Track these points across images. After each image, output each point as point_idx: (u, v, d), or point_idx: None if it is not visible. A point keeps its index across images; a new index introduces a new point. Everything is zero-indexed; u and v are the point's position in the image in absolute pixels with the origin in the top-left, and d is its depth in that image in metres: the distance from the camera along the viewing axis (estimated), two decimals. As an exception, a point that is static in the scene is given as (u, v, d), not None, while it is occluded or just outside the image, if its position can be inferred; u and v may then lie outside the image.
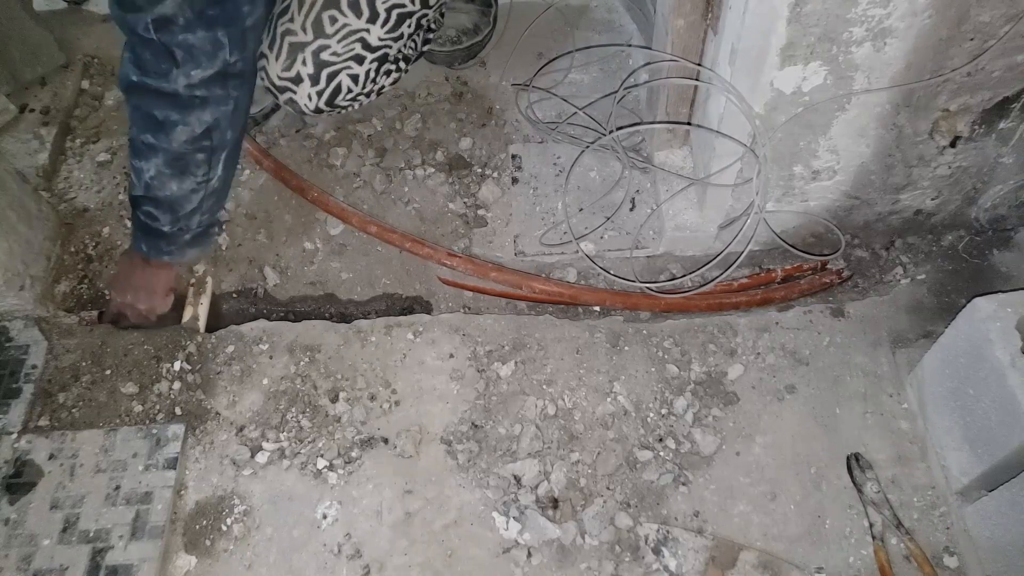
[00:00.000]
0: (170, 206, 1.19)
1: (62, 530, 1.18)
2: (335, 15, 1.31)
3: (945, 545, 1.17)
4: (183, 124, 1.11)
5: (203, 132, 1.13)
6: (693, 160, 1.47)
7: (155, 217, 1.20)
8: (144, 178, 1.16)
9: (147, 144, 1.13)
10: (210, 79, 1.08)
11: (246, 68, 1.13)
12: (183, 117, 1.10)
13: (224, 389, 1.33)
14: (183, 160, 1.15)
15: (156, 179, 1.16)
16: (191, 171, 1.17)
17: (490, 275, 1.46)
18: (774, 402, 1.31)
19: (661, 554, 1.17)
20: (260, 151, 1.61)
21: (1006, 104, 1.21)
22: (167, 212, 1.20)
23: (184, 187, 1.18)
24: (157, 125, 1.11)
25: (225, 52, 1.06)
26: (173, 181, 1.16)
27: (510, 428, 1.28)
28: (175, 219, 1.21)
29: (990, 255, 1.47)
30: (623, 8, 1.87)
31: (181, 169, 1.16)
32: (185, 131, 1.11)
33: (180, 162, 1.15)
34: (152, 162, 1.14)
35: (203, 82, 1.08)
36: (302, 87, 1.35)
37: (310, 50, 1.32)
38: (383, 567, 1.17)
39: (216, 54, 1.06)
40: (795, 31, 1.04)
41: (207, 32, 1.03)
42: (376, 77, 1.41)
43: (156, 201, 1.18)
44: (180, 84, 1.07)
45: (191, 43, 1.03)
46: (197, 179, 1.18)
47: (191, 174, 1.17)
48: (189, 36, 1.02)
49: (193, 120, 1.11)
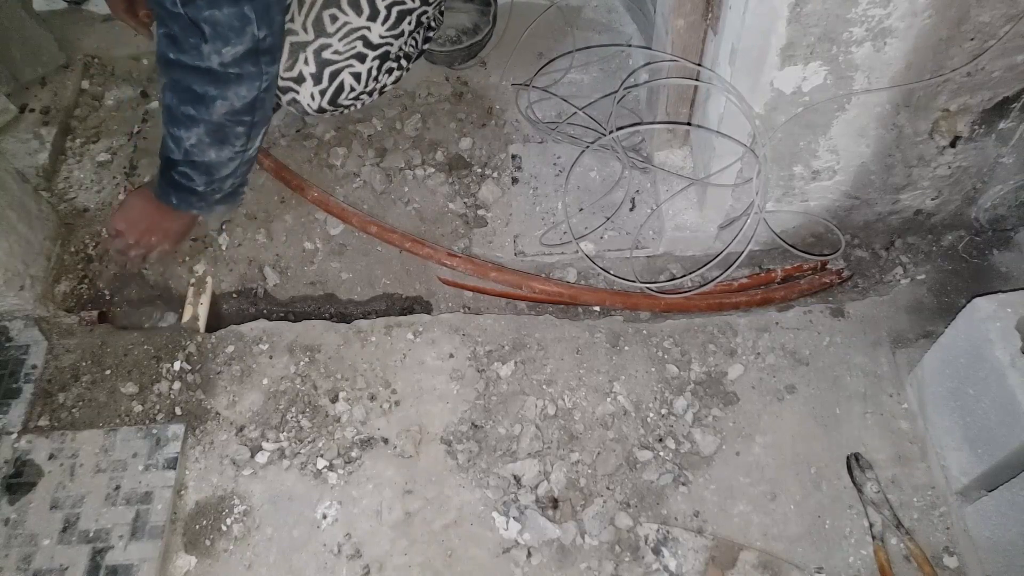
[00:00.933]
0: (207, 169, 1.22)
1: (62, 530, 1.18)
2: (336, 13, 1.31)
3: (945, 545, 1.17)
4: (222, 99, 1.12)
5: (243, 107, 1.15)
6: (693, 160, 1.47)
7: (191, 178, 1.23)
8: (184, 145, 1.17)
9: (187, 115, 1.14)
10: (242, 57, 1.09)
11: (275, 43, 1.14)
12: (221, 92, 1.12)
13: (224, 389, 1.33)
14: (223, 131, 1.17)
15: (196, 146, 1.18)
16: (231, 141, 1.19)
17: (490, 275, 1.46)
18: (774, 402, 1.31)
19: (661, 554, 1.17)
20: (260, 151, 1.61)
21: (1006, 104, 1.21)
22: (203, 174, 1.23)
23: (223, 155, 1.20)
24: (197, 98, 1.12)
25: (253, 27, 1.07)
26: (212, 149, 1.19)
27: (510, 428, 1.28)
28: (210, 181, 1.24)
29: (990, 255, 1.47)
30: (623, 8, 1.87)
31: (221, 139, 1.18)
32: (225, 105, 1.13)
33: (220, 132, 1.17)
34: (193, 131, 1.16)
35: (235, 60, 1.09)
36: (305, 86, 1.35)
37: (312, 49, 1.32)
38: (383, 567, 1.17)
39: (244, 30, 1.06)
40: (795, 31, 1.04)
41: (232, 7, 1.04)
42: (378, 75, 1.41)
43: (194, 164, 1.21)
44: (214, 61, 1.08)
45: (217, 18, 1.04)
46: (235, 148, 1.20)
47: (230, 144, 1.19)
48: (215, 12, 1.03)
49: (231, 95, 1.12)
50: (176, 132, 1.17)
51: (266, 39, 1.10)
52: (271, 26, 1.10)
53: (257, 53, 1.10)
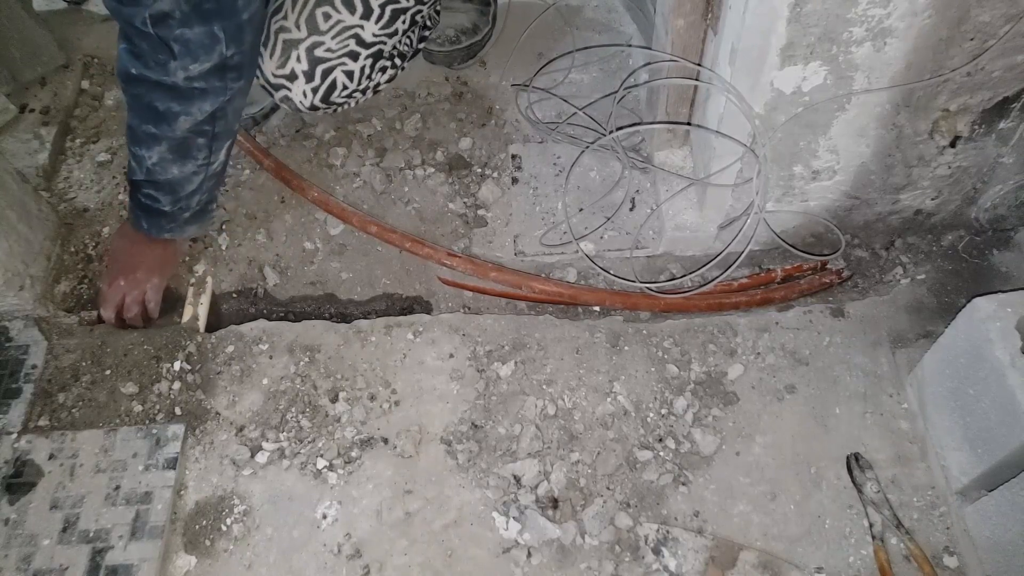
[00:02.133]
0: (171, 188, 1.22)
1: (62, 530, 1.18)
2: (329, 11, 1.31)
3: (945, 545, 1.17)
4: (185, 114, 1.12)
5: (205, 119, 1.14)
6: (693, 160, 1.47)
7: (156, 199, 1.22)
8: (146, 164, 1.17)
9: (148, 133, 1.14)
10: (208, 72, 1.09)
11: (244, 61, 1.13)
12: (184, 108, 1.11)
13: (224, 389, 1.33)
14: (185, 144, 1.17)
15: (158, 164, 1.17)
16: (192, 155, 1.19)
17: (490, 275, 1.46)
18: (774, 402, 1.31)
19: (661, 554, 1.17)
20: (260, 151, 1.61)
21: (1006, 104, 1.21)
22: (168, 194, 1.22)
23: (186, 170, 1.20)
24: (158, 115, 1.12)
25: (222, 46, 1.07)
26: (175, 165, 1.18)
27: (510, 428, 1.28)
28: (176, 199, 1.24)
29: (990, 255, 1.47)
30: (623, 8, 1.87)
31: (183, 153, 1.18)
32: (186, 120, 1.13)
33: (182, 147, 1.17)
34: (154, 149, 1.16)
35: (201, 75, 1.08)
36: (297, 84, 1.35)
37: (304, 47, 1.32)
38: (383, 567, 1.17)
39: (213, 47, 1.06)
40: (795, 31, 1.04)
41: (203, 26, 1.03)
42: (371, 74, 1.41)
43: (157, 184, 1.20)
44: (179, 77, 1.07)
45: (188, 37, 1.03)
46: (198, 162, 1.20)
47: (192, 158, 1.19)
48: (186, 31, 1.03)
49: (195, 110, 1.12)
50: (138, 152, 1.17)
51: (234, 57, 1.09)
52: (240, 45, 1.10)
53: (224, 69, 1.10)
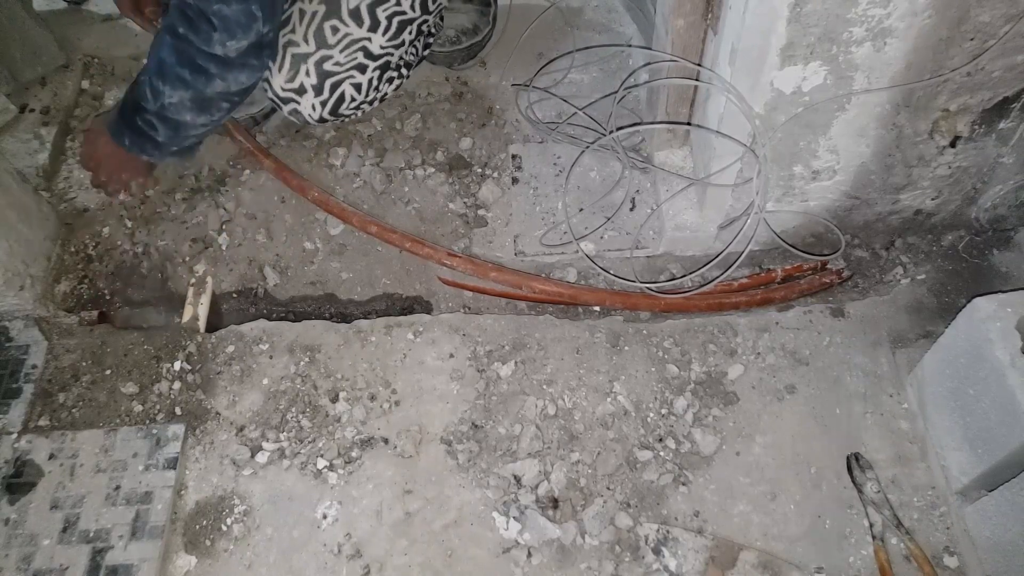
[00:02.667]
0: (175, 127, 1.20)
1: (62, 530, 1.18)
2: (336, 25, 1.31)
3: (945, 545, 1.17)
4: (221, 79, 1.13)
5: (238, 91, 1.16)
6: (693, 160, 1.47)
7: (155, 128, 1.20)
8: (163, 100, 1.15)
9: (180, 77, 1.13)
10: (246, 51, 1.10)
11: (275, 37, 1.16)
12: (222, 73, 1.12)
13: (224, 389, 1.33)
14: (209, 103, 1.17)
15: (175, 106, 1.16)
16: (211, 112, 1.19)
17: (490, 275, 1.46)
18: (774, 402, 1.31)
19: (661, 554, 1.17)
20: (261, 150, 1.61)
21: (1006, 104, 1.21)
22: (170, 130, 1.20)
23: (198, 120, 1.19)
24: (197, 68, 1.12)
25: (259, 23, 1.08)
26: (190, 113, 1.18)
27: (510, 428, 1.28)
28: (174, 136, 1.22)
29: (990, 255, 1.47)
30: (623, 8, 1.87)
31: (203, 108, 1.18)
32: (221, 85, 1.14)
33: (205, 103, 1.17)
34: (178, 92, 1.14)
35: (240, 53, 1.10)
36: (306, 98, 1.35)
37: (313, 61, 1.32)
38: (383, 567, 1.17)
39: (250, 26, 1.08)
40: (795, 31, 1.04)
41: (241, 4, 1.05)
42: (379, 85, 1.41)
43: (164, 119, 1.19)
44: (219, 51, 1.09)
45: (225, 14, 1.05)
46: (213, 119, 1.21)
47: (209, 114, 1.19)
48: (224, 7, 1.04)
49: (231, 79, 1.13)
50: (159, 86, 1.14)
51: (269, 33, 1.12)
52: (275, 21, 1.12)
53: (261, 47, 1.13)
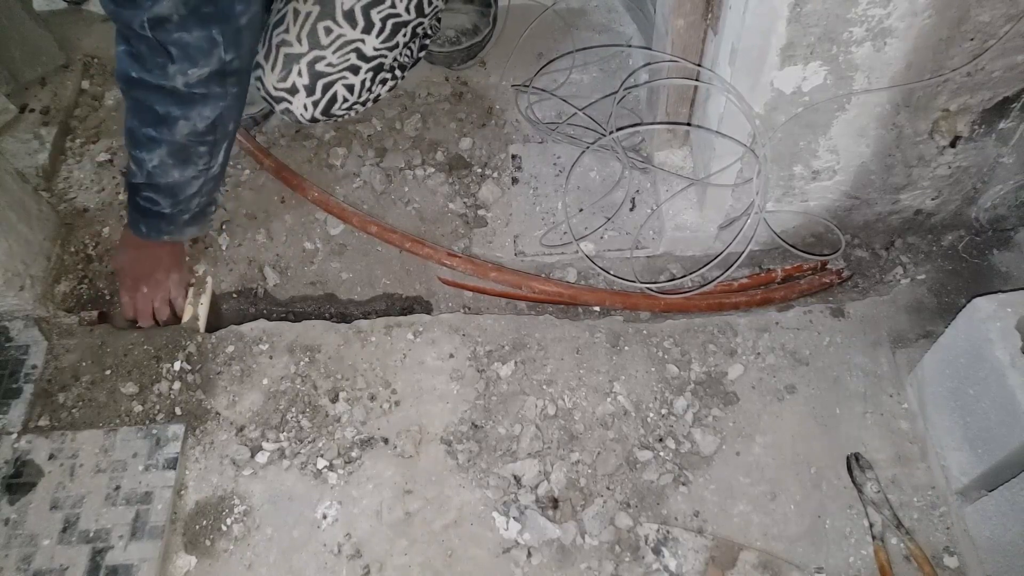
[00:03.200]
0: (171, 191, 1.21)
1: (62, 530, 1.18)
2: (330, 26, 1.31)
3: (945, 545, 1.17)
4: (184, 119, 1.11)
5: (206, 128, 1.14)
6: (693, 160, 1.47)
7: (155, 202, 1.22)
8: (146, 167, 1.17)
9: (149, 136, 1.13)
10: (208, 78, 1.08)
11: (242, 66, 1.13)
12: (184, 112, 1.11)
13: (224, 389, 1.32)
14: (186, 151, 1.16)
15: (159, 168, 1.17)
16: (193, 161, 1.18)
17: (490, 275, 1.46)
18: (774, 402, 1.31)
19: (661, 554, 1.17)
20: (260, 151, 1.61)
21: (1006, 104, 1.21)
22: (168, 197, 1.22)
23: (186, 175, 1.19)
24: (159, 119, 1.11)
25: (220, 50, 1.06)
26: (175, 169, 1.18)
27: (510, 428, 1.28)
28: (176, 202, 1.23)
29: (990, 255, 1.47)
30: (623, 8, 1.87)
31: (184, 159, 1.17)
32: (187, 125, 1.12)
33: (183, 153, 1.16)
34: (155, 153, 1.15)
35: (201, 81, 1.08)
36: (298, 97, 1.35)
37: (305, 61, 1.32)
38: (383, 567, 1.17)
39: (212, 52, 1.06)
40: (795, 31, 1.04)
41: (202, 31, 1.03)
42: (372, 86, 1.41)
43: (157, 187, 1.20)
44: (179, 82, 1.07)
45: (186, 41, 1.03)
46: (199, 167, 1.20)
47: (193, 163, 1.18)
48: (184, 35, 1.02)
49: (194, 115, 1.11)
50: (138, 155, 1.16)
51: (233, 62, 1.09)
52: (239, 49, 1.09)
53: (223, 75, 1.10)
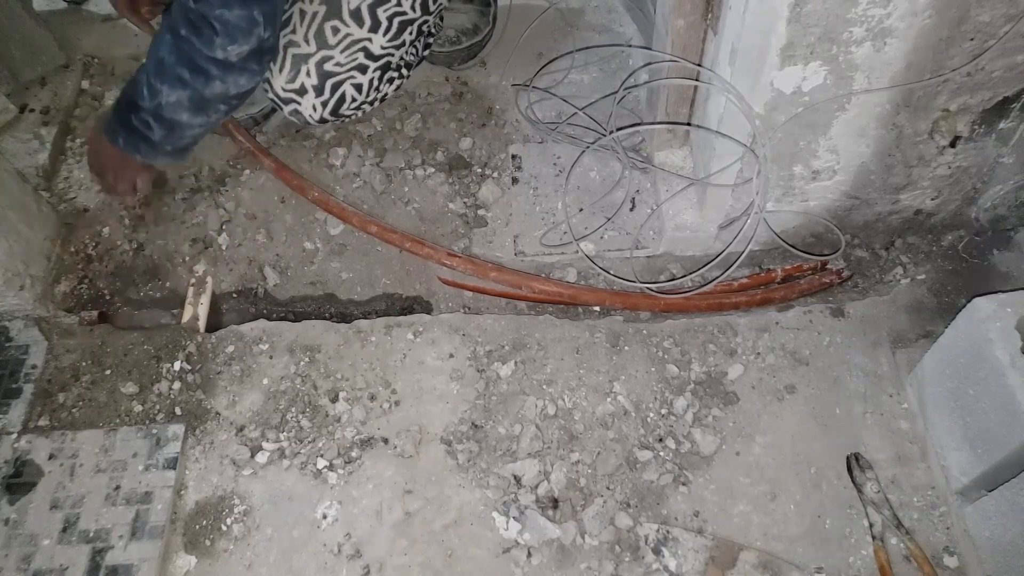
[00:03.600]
0: (171, 126, 1.19)
1: (62, 530, 1.18)
2: (337, 25, 1.31)
3: (945, 545, 1.17)
4: (221, 81, 1.13)
5: (237, 94, 1.16)
6: (693, 160, 1.47)
7: (150, 127, 1.19)
8: (160, 99, 1.15)
9: (179, 76, 1.12)
10: (247, 56, 1.11)
11: (276, 43, 1.16)
12: (223, 76, 1.12)
13: (224, 389, 1.33)
14: (206, 104, 1.16)
15: (172, 105, 1.15)
16: (208, 113, 1.18)
17: (490, 275, 1.46)
18: (774, 402, 1.31)
19: (661, 554, 1.17)
20: (261, 150, 1.61)
21: (1006, 104, 1.21)
22: (164, 129, 1.19)
23: (195, 121, 1.19)
24: (197, 69, 1.11)
25: (260, 29, 1.08)
26: (187, 113, 1.17)
27: (510, 428, 1.28)
28: (168, 136, 1.21)
29: (990, 255, 1.47)
30: (623, 8, 1.87)
31: (201, 109, 1.17)
32: (221, 87, 1.14)
33: (202, 103, 1.16)
34: (176, 92, 1.14)
35: (241, 58, 1.10)
36: (306, 98, 1.36)
37: (313, 61, 1.32)
38: (383, 567, 1.17)
39: (252, 31, 1.08)
40: (795, 31, 1.04)
41: (242, 9, 1.05)
42: (379, 85, 1.41)
43: (160, 118, 1.18)
44: (219, 55, 1.09)
45: (227, 19, 1.05)
46: (210, 120, 1.20)
47: (206, 115, 1.19)
48: (225, 12, 1.05)
49: (231, 82, 1.13)
50: (157, 84, 1.14)
51: (269, 39, 1.12)
52: (275, 28, 1.13)
53: (261, 52, 1.12)
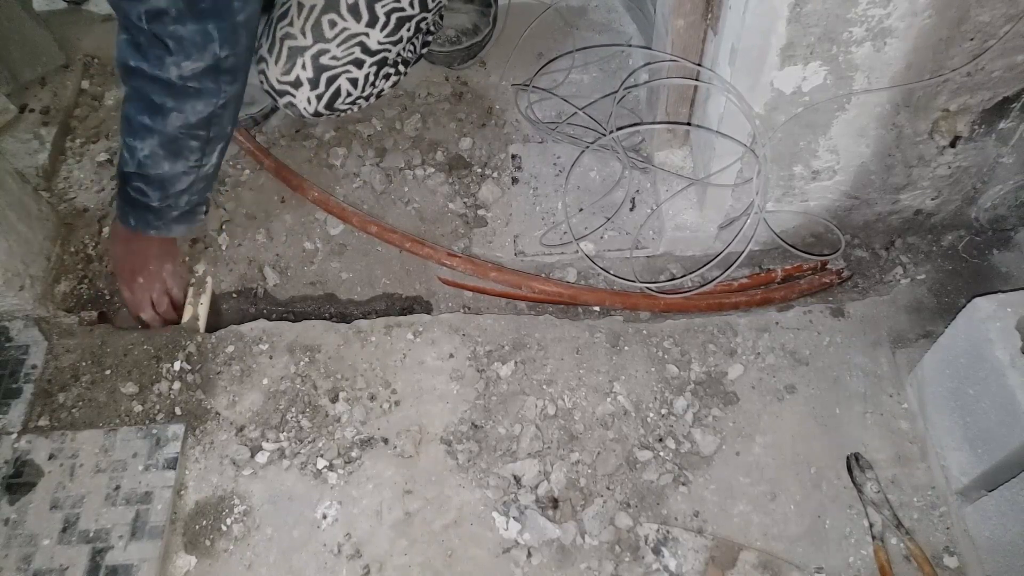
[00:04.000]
0: (161, 184, 1.21)
1: (62, 530, 1.18)
2: (334, 19, 1.31)
3: (945, 545, 1.17)
4: (177, 111, 1.12)
5: (198, 121, 1.14)
6: (693, 160, 1.47)
7: (145, 193, 1.22)
8: (138, 156, 1.17)
9: (143, 125, 1.14)
10: (202, 72, 1.09)
11: (238, 64, 1.13)
12: (178, 104, 1.12)
13: (224, 389, 1.33)
14: (177, 144, 1.16)
15: (150, 158, 1.17)
16: (184, 155, 1.18)
17: (490, 275, 1.46)
18: (774, 402, 1.31)
19: (661, 554, 1.17)
20: (260, 150, 1.61)
21: (1006, 104, 1.21)
22: (157, 189, 1.21)
23: (176, 168, 1.19)
24: (154, 108, 1.12)
25: (215, 46, 1.07)
26: (166, 162, 1.18)
27: (510, 428, 1.28)
28: (164, 196, 1.22)
29: (990, 255, 1.47)
30: (623, 8, 1.87)
31: (175, 152, 1.17)
32: (180, 117, 1.13)
33: (174, 145, 1.16)
34: (147, 142, 1.15)
35: (195, 75, 1.09)
36: (301, 91, 1.35)
37: (309, 54, 1.32)
38: (383, 567, 1.17)
39: (206, 47, 1.07)
40: (795, 31, 1.04)
41: (197, 25, 1.04)
42: (375, 81, 1.41)
43: (147, 178, 1.20)
44: (173, 73, 1.08)
45: (181, 35, 1.04)
46: (190, 163, 1.20)
47: (184, 157, 1.19)
48: (179, 28, 1.04)
49: (187, 109, 1.12)
50: (131, 142, 1.17)
51: (228, 59, 1.10)
52: (234, 47, 1.10)
53: (217, 71, 1.10)
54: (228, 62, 1.10)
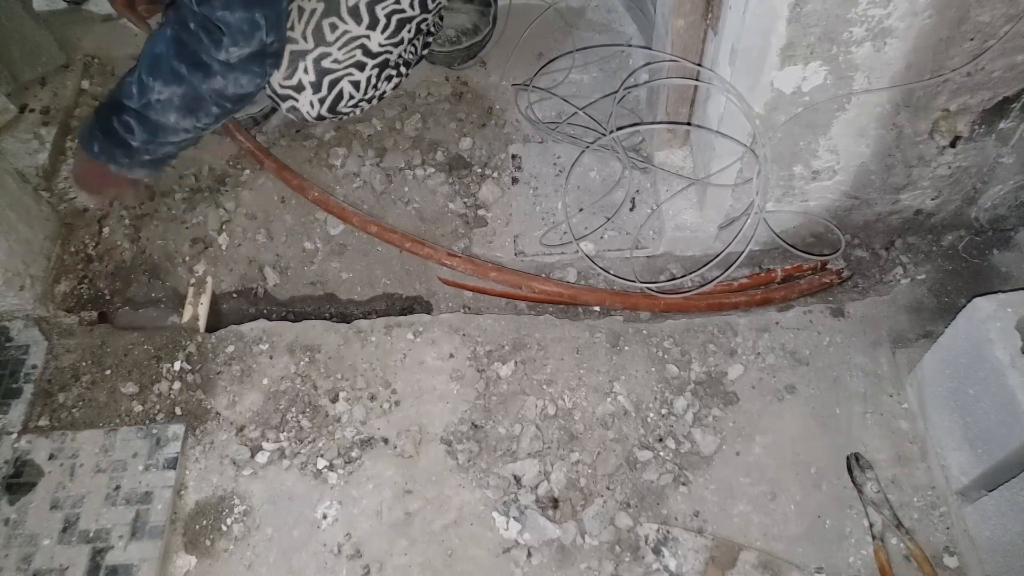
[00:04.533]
0: (155, 130, 1.17)
1: (62, 530, 1.18)
2: (335, 22, 1.31)
3: (945, 545, 1.17)
4: (222, 76, 1.12)
5: (234, 95, 1.15)
6: (693, 160, 1.47)
7: (131, 130, 1.16)
8: (149, 96, 1.13)
9: (174, 71, 1.11)
10: (248, 58, 1.11)
11: (280, 48, 1.15)
12: (224, 72, 1.11)
13: (224, 389, 1.33)
14: (199, 103, 1.15)
15: (162, 104, 1.13)
16: (198, 115, 1.17)
17: (490, 275, 1.46)
18: (774, 402, 1.31)
19: (661, 554, 1.17)
20: (261, 150, 1.61)
21: (1006, 104, 1.21)
22: (147, 132, 1.17)
23: (182, 124, 1.16)
24: (198, 64, 1.10)
25: (262, 33, 1.09)
26: (176, 114, 1.15)
27: (510, 428, 1.28)
28: (148, 141, 1.18)
29: (990, 255, 1.47)
30: (623, 8, 1.87)
31: (191, 109, 1.15)
32: (220, 83, 1.12)
33: (196, 103, 1.15)
34: (170, 88, 1.12)
35: (241, 60, 1.10)
36: (304, 95, 1.36)
37: (311, 58, 1.32)
38: (383, 567, 1.17)
39: (253, 34, 1.08)
40: (795, 31, 1.04)
41: (245, 12, 1.05)
42: (377, 83, 1.42)
43: (144, 119, 1.15)
44: (221, 56, 1.09)
45: (228, 20, 1.05)
46: (198, 124, 1.19)
47: (196, 117, 1.17)
48: (227, 14, 1.05)
49: (231, 80, 1.13)
50: (150, 81, 1.12)
51: (273, 44, 1.12)
52: (279, 32, 1.12)
53: (263, 56, 1.12)
54: (273, 47, 1.12)
